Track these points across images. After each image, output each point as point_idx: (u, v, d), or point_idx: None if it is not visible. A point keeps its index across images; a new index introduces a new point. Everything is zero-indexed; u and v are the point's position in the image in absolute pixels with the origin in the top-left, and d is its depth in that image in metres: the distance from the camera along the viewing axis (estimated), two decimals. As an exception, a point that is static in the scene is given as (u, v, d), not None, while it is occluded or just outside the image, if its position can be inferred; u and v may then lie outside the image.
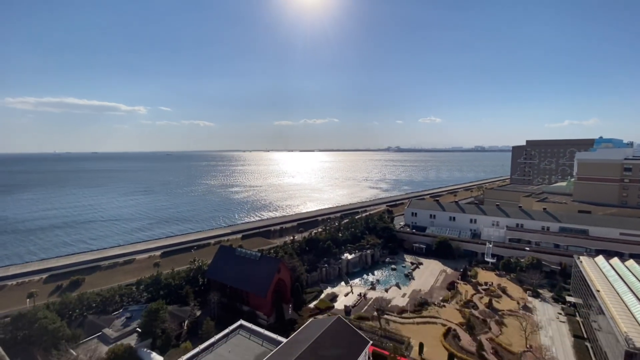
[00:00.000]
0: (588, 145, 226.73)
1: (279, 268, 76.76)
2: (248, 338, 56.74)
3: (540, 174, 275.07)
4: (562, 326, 71.14)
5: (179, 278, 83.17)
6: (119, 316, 68.91)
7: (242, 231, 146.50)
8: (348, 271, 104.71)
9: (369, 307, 80.00)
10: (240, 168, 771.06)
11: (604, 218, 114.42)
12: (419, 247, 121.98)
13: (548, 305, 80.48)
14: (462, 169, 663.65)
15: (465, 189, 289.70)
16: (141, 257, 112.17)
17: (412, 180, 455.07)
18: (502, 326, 70.52)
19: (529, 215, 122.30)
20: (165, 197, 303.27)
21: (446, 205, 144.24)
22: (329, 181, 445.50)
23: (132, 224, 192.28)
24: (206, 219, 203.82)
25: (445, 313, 75.95)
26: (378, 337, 65.06)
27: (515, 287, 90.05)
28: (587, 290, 69.10)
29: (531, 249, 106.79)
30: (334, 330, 52.62)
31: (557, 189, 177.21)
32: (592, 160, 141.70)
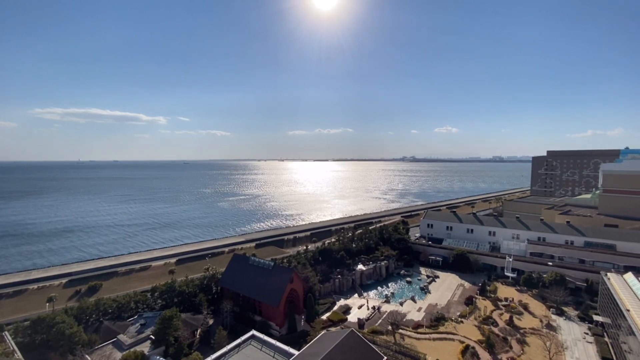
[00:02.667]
0: (613, 156, 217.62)
1: (292, 278, 76.18)
2: (260, 349, 56.04)
3: (563, 186, 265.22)
4: (589, 347, 67.07)
5: (193, 286, 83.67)
6: (133, 322, 69.67)
7: (256, 240, 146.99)
8: (362, 283, 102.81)
9: (383, 320, 77.94)
10: (255, 177, 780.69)
11: (633, 233, 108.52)
12: (435, 259, 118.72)
13: (574, 324, 76.23)
14: (480, 180, 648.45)
15: (483, 200, 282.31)
16: (157, 264, 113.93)
17: (427, 190, 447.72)
18: (524, 345, 67.14)
19: (551, 228, 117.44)
20: (182, 204, 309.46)
21: (463, 217, 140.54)
22: (343, 191, 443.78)
23: (149, 230, 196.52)
24: (221, 227, 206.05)
25: (463, 329, 73.07)
26: (392, 353, 63.03)
27: (538, 303, 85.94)
28: (615, 309, 65.11)
29: (554, 264, 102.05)
30: (346, 345, 51.29)
31: (581, 202, 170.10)
32: (618, 171, 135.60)
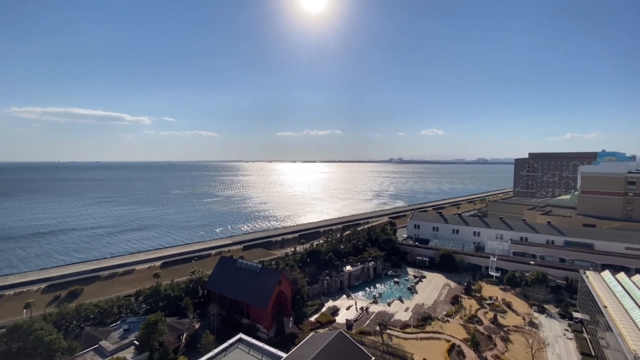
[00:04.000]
0: (591, 159, 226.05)
1: (280, 280, 75.76)
2: (247, 352, 55.38)
3: (544, 187, 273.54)
4: (569, 343, 69.31)
5: (178, 289, 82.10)
6: (116, 328, 67.75)
7: (243, 242, 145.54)
8: (350, 284, 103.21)
9: (371, 321, 78.43)
10: (242, 178, 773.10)
11: (609, 232, 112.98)
12: (422, 260, 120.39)
13: (554, 321, 78.67)
14: (465, 181, 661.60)
15: (468, 201, 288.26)
16: (141, 268, 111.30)
17: (414, 191, 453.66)
18: (507, 343, 68.82)
19: (533, 228, 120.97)
20: (167, 206, 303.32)
21: (449, 218, 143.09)
22: (331, 192, 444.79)
23: (132, 233, 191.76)
24: (207, 229, 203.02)
25: (449, 328, 74.30)
26: (380, 353, 63.51)
27: (521, 302, 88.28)
28: (594, 306, 67.57)
29: (536, 263, 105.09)
30: (335, 346, 51.34)
31: (561, 202, 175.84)
32: (595, 173, 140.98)
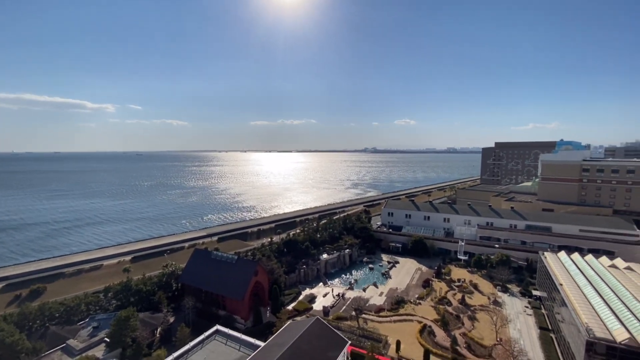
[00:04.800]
0: (551, 148, 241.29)
1: (257, 271, 75.59)
2: (225, 343, 55.31)
3: (508, 175, 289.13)
4: (529, 319, 74.96)
5: (150, 284, 79.89)
6: (84, 326, 65.07)
7: (218, 234, 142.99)
8: (326, 272, 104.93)
9: (347, 307, 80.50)
10: (215, 169, 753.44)
11: (566, 216, 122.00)
12: (396, 246, 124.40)
13: (516, 300, 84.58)
14: (436, 170, 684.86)
15: (439, 189, 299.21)
16: (109, 263, 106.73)
17: (388, 180, 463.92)
18: (474, 321, 73.26)
19: (498, 214, 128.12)
20: (136, 199, 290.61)
21: (421, 205, 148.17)
22: (307, 182, 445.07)
23: (98, 227, 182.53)
24: (180, 222, 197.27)
25: (421, 310, 77.86)
26: (356, 337, 65.59)
27: (486, 283, 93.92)
28: (551, 284, 73.25)
29: (500, 246, 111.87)
30: (312, 332, 52.41)
31: (523, 189, 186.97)
32: (554, 161, 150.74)
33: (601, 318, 54.07)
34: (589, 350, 49.12)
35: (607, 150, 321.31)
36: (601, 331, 50.42)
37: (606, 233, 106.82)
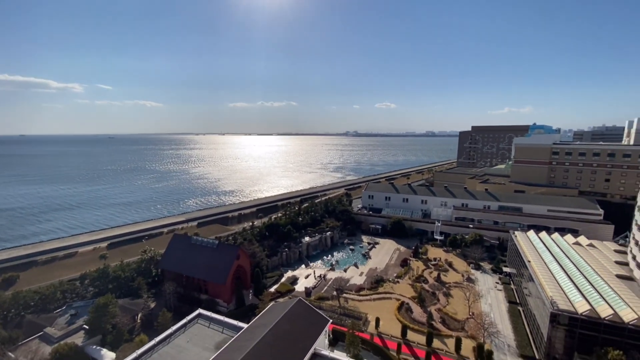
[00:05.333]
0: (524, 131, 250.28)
1: (238, 255, 75.59)
2: (207, 326, 55.61)
3: (483, 158, 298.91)
4: (499, 294, 79.78)
5: (129, 270, 78.50)
6: (62, 314, 63.57)
7: (198, 218, 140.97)
8: (308, 254, 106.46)
9: (329, 287, 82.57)
10: (193, 152, 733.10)
11: (535, 197, 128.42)
12: (375, 227, 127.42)
13: (487, 276, 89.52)
14: (415, 153, 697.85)
15: (417, 172, 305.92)
16: (84, 250, 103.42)
17: (369, 164, 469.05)
18: (448, 297, 77.18)
19: (472, 195, 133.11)
20: (109, 184, 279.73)
21: (400, 188, 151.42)
22: (288, 166, 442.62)
23: (70, 214, 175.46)
24: (157, 207, 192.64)
25: (399, 288, 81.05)
26: (337, 316, 67.71)
27: (460, 261, 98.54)
28: (520, 261, 77.81)
29: (474, 226, 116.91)
30: (294, 313, 53.52)
31: (497, 171, 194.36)
32: (526, 145, 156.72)
33: (565, 292, 58.31)
34: (552, 321, 53.11)
35: (576, 134, 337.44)
36: (564, 304, 54.48)
37: (572, 213, 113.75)
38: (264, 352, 43.49)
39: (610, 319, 49.96)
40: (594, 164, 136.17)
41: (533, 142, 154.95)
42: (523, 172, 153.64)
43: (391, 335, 62.63)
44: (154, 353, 48.53)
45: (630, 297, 55.38)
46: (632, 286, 60.49)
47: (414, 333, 62.69)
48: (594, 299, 54.89)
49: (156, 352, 48.85)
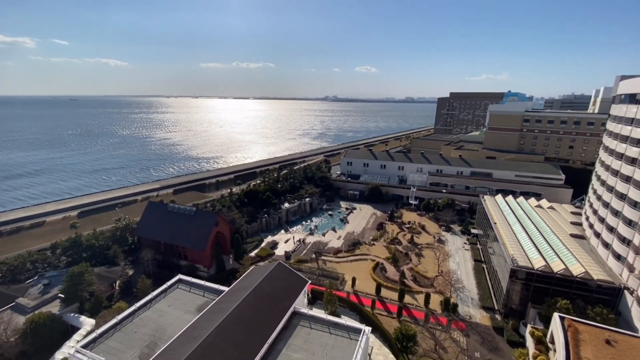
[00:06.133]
0: (499, 99, 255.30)
1: (217, 221, 75.47)
2: (188, 291, 56.58)
3: (460, 124, 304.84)
4: (466, 253, 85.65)
5: (103, 238, 76.85)
6: (34, 284, 62.17)
7: (173, 186, 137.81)
8: (288, 220, 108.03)
9: (308, 250, 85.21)
10: (164, 117, 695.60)
11: (505, 163, 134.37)
12: (354, 193, 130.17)
13: (457, 237, 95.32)
14: (396, 120, 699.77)
15: (395, 139, 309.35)
16: (53, 219, 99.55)
17: (348, 130, 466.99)
18: (420, 257, 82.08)
19: (447, 161, 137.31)
20: (75, 150, 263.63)
21: (378, 154, 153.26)
22: (267, 132, 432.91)
23: (33, 181, 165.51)
24: (129, 174, 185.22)
25: (375, 250, 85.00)
26: (316, 277, 70.65)
27: (433, 224, 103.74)
28: (487, 223, 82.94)
29: (447, 191, 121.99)
30: (275, 275, 55.30)
31: (472, 138, 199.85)
32: (500, 112, 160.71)
33: (524, 250, 63.38)
34: (512, 276, 58.16)
35: (547, 102, 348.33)
36: (523, 260, 59.43)
37: (536, 178, 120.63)
38: (246, 312, 45.18)
39: (561, 273, 55.32)
40: (561, 131, 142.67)
41: (506, 110, 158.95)
42: (495, 139, 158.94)
43: (366, 293, 66.59)
44: (135, 318, 49.25)
45: (581, 253, 61.20)
46: (583, 244, 66.65)
47: (387, 290, 66.91)
48: (549, 255, 60.19)
49: (137, 317, 49.58)
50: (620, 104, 66.30)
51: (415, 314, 60.83)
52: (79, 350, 41.41)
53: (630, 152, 58.12)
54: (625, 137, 60.80)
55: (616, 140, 64.32)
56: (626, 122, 61.53)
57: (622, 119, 63.16)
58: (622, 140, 61.96)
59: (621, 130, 62.71)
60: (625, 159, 59.34)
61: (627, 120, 61.28)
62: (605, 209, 63.45)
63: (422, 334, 54.44)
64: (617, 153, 63.08)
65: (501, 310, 61.15)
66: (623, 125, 62.33)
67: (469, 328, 57.62)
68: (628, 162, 58.38)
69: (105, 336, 45.23)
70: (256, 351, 40.09)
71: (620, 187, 59.47)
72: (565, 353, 41.39)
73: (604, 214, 63.54)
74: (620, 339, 44.02)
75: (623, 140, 61.41)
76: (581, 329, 45.30)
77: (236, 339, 40.66)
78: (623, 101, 65.93)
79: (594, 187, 73.28)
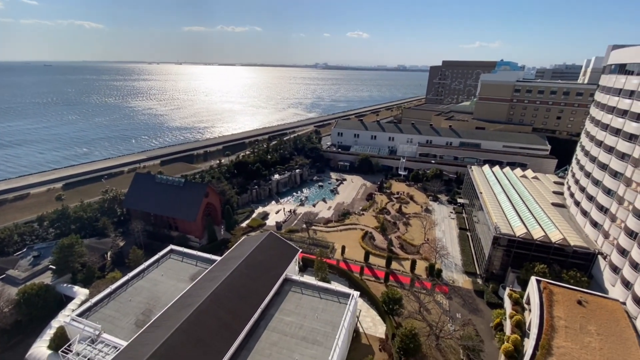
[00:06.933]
0: (491, 68, 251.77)
1: (207, 192, 75.15)
2: (181, 261, 57.47)
3: (451, 94, 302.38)
4: (451, 222, 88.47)
5: (91, 210, 76.12)
6: (23, 256, 61.87)
7: (161, 156, 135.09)
8: (278, 191, 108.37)
9: (299, 221, 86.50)
10: (146, 84, 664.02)
11: (493, 133, 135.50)
12: (344, 164, 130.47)
13: (443, 207, 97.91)
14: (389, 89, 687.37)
15: (387, 109, 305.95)
16: (37, 191, 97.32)
17: (339, 100, 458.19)
18: (408, 226, 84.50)
19: (437, 132, 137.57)
20: (53, 120, 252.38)
21: (369, 125, 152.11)
22: (255, 101, 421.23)
23: (12, 153, 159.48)
24: (114, 145, 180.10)
25: (364, 220, 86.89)
26: (307, 245, 72.41)
27: (421, 194, 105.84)
28: (473, 193, 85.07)
29: (436, 162, 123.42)
30: (266, 244, 56.40)
31: (462, 108, 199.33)
32: (491, 81, 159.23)
33: (507, 218, 65.75)
34: (494, 243, 60.75)
35: (538, 72, 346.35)
36: (506, 228, 61.84)
37: (523, 148, 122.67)
38: (239, 280, 46.42)
39: (541, 240, 58.05)
40: (550, 102, 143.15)
41: (498, 79, 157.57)
42: (486, 109, 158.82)
43: (355, 260, 68.88)
44: (129, 287, 50.18)
45: (560, 221, 63.94)
46: (563, 212, 69.50)
47: (375, 257, 69.35)
48: (531, 223, 62.74)
49: (131, 286, 50.50)
50: (610, 74, 66.40)
51: (402, 279, 63.65)
52: (75, 319, 42.30)
53: (615, 123, 59.12)
54: (612, 108, 61.56)
55: (603, 111, 65.15)
56: (614, 93, 61.99)
57: (611, 90, 63.55)
58: (608, 111, 62.78)
59: (608, 101, 63.31)
60: (610, 129, 60.46)
61: (615, 91, 61.69)
62: (586, 178, 65.58)
63: (408, 297, 57.44)
64: (602, 124, 64.14)
65: (483, 274, 64.51)
66: (611, 96, 62.85)
67: (452, 291, 60.91)
68: (612, 133, 59.56)
69: (100, 305, 46.20)
70: (249, 316, 41.74)
71: (602, 157, 61.12)
72: (539, 313, 44.47)
73: (585, 184, 65.79)
74: (591, 299, 47.40)
75: (609, 111, 62.22)
76: (555, 291, 48.43)
77: (230, 305, 42.07)
78: (613, 71, 66.00)
79: (578, 158, 75.16)
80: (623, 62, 62.20)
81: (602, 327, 42.63)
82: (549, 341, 40.17)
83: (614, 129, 59.34)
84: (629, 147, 53.60)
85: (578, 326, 42.81)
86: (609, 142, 59.76)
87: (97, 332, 40.19)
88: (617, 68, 64.62)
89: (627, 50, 61.70)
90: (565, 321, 43.45)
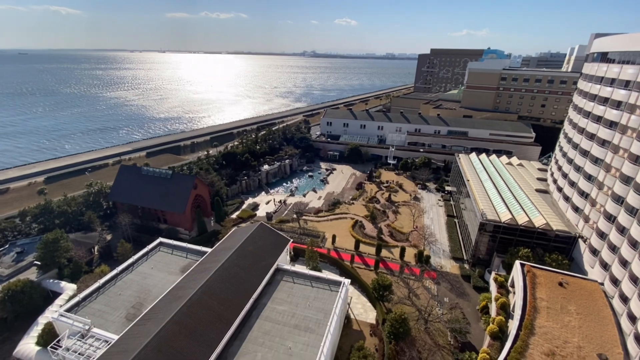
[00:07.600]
0: (479, 56, 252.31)
1: (195, 184, 74.25)
2: (170, 253, 56.97)
3: (439, 83, 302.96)
4: (439, 210, 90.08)
5: (76, 204, 74.27)
6: (6, 252, 60.27)
7: (146, 148, 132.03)
8: (268, 181, 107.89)
9: (289, 211, 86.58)
10: (128, 73, 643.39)
11: (480, 121, 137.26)
12: (333, 154, 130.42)
13: (432, 195, 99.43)
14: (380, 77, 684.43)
15: (376, 97, 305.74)
16: (18, 185, 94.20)
17: (327, 88, 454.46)
18: (397, 214, 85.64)
19: (425, 120, 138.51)
20: (30, 112, 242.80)
21: (358, 114, 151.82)
22: (242, 90, 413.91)
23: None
24: (97, 137, 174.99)
25: (354, 209, 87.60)
26: (298, 235, 72.76)
27: (410, 182, 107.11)
28: (460, 180, 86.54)
29: (425, 150, 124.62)
30: (257, 235, 56.37)
31: (450, 97, 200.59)
32: (478, 70, 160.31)
33: (493, 205, 67.33)
34: (481, 229, 62.29)
35: (524, 60, 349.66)
36: (492, 214, 63.38)
37: (509, 136, 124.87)
38: (231, 270, 46.44)
39: (525, 225, 59.82)
40: (535, 90, 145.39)
41: (485, 68, 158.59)
42: (473, 97, 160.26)
43: (346, 248, 69.70)
44: (118, 281, 49.60)
45: (543, 206, 65.91)
46: (546, 198, 71.64)
47: (365, 246, 70.31)
48: (515, 209, 64.46)
49: (120, 280, 49.93)
50: (592, 62, 67.68)
51: (391, 266, 64.89)
52: (63, 314, 41.71)
53: (597, 110, 60.63)
54: (594, 95, 62.99)
55: (585, 99, 66.63)
56: (596, 81, 63.36)
57: (593, 78, 64.91)
58: (590, 99, 64.25)
59: (591, 89, 64.72)
60: (592, 117, 62.03)
61: (597, 79, 63.05)
62: (569, 165, 67.49)
63: (397, 283, 58.74)
64: (584, 111, 65.69)
65: (469, 260, 66.31)
66: (593, 84, 64.23)
67: (440, 277, 62.51)
68: (594, 120, 61.14)
69: (89, 299, 45.62)
70: (242, 306, 42.00)
71: (584, 144, 62.84)
72: (523, 294, 46.20)
73: (567, 170, 67.72)
74: (572, 281, 49.44)
75: (591, 99, 63.69)
76: (538, 274, 50.29)
77: (222, 296, 42.18)
78: (595, 60, 67.30)
79: (561, 145, 77.05)
80: (605, 50, 63.47)
81: (582, 307, 44.67)
82: (531, 321, 41.90)
83: (595, 116, 60.93)
84: (609, 134, 55.25)
85: (559, 306, 44.72)
86: (591, 129, 61.40)
87: (87, 327, 39.79)
88: (599, 56, 65.91)
89: (609, 38, 62.90)
90: (547, 302, 45.30)
